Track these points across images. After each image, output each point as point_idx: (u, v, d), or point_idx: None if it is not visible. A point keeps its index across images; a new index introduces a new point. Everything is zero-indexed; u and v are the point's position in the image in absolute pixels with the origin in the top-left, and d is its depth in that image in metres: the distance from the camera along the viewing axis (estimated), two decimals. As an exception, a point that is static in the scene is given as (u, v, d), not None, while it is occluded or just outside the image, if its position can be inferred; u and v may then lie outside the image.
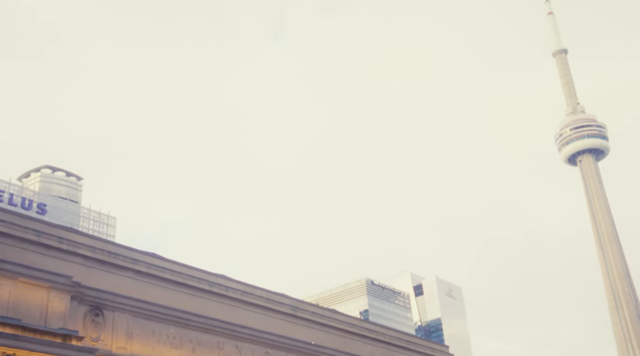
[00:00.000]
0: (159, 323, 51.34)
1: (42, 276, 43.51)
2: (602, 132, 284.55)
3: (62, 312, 43.60)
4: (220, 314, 58.98)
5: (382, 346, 78.44)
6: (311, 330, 69.78)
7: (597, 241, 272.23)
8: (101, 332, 47.36)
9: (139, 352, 48.96)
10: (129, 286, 54.61)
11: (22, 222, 51.21)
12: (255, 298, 66.11)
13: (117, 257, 56.14)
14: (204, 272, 62.84)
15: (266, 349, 58.61)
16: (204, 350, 53.54)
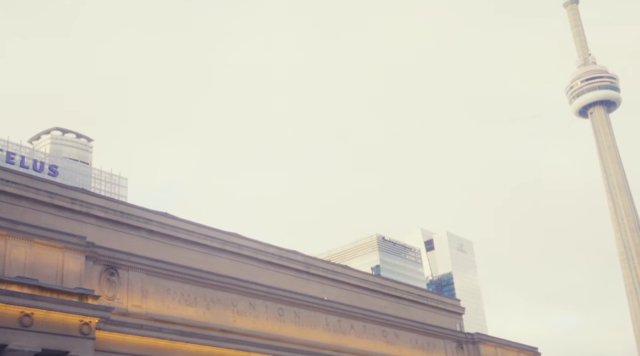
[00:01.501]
0: (174, 281, 51.93)
1: (57, 237, 43.92)
2: (613, 84, 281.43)
3: (78, 272, 44.11)
4: (234, 272, 59.58)
5: (393, 300, 79.19)
6: (324, 286, 70.48)
7: (608, 193, 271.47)
8: (116, 291, 47.97)
9: (154, 310, 49.66)
10: (142, 245, 55.15)
11: (34, 183, 51.55)
12: (268, 255, 66.65)
13: (129, 217, 56.56)
14: (216, 231, 63.30)
15: (279, 305, 59.27)
16: (218, 307, 54.23)
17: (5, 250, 41.03)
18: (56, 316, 41.31)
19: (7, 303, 39.09)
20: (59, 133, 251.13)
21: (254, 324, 56.31)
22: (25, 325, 39.87)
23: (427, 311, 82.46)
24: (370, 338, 67.18)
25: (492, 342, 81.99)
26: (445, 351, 75.70)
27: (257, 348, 54.87)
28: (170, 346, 49.35)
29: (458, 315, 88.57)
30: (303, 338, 59.78)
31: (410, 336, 72.17)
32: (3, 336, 38.99)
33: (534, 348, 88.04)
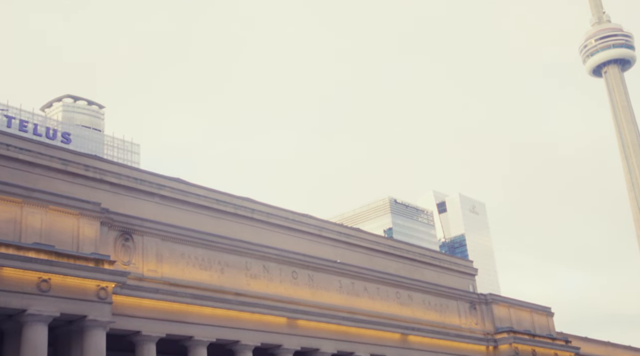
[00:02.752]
0: (188, 246, 52.38)
1: (71, 203, 44.30)
2: (628, 42, 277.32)
3: (93, 238, 44.58)
4: (247, 236, 60.01)
5: (406, 262, 79.66)
6: (336, 249, 70.93)
7: (621, 153, 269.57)
8: (132, 256, 48.49)
9: (169, 274, 50.22)
10: (156, 211, 55.59)
11: (48, 151, 51.87)
12: (281, 219, 67.03)
13: (143, 183, 56.92)
14: (228, 195, 63.64)
15: (293, 268, 59.76)
16: (232, 270, 54.76)
17: (21, 217, 41.48)
18: (73, 282, 41.90)
19: (24, 269, 39.66)
20: (71, 101, 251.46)
21: (267, 287, 56.88)
22: (43, 290, 40.49)
23: (439, 273, 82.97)
24: (384, 299, 67.77)
25: (505, 303, 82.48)
26: (458, 312, 76.29)
27: (271, 310, 55.53)
28: (185, 309, 50.03)
29: (471, 276, 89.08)
30: (317, 301, 60.40)
31: (423, 298, 72.72)
32: (22, 301, 39.64)
33: (547, 308, 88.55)
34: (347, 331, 61.76)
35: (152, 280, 48.83)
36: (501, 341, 77.11)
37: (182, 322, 49.78)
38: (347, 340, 61.70)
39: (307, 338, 58.22)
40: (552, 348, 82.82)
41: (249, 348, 53.68)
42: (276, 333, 55.90)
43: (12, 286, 39.37)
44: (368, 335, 63.76)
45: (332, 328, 60.45)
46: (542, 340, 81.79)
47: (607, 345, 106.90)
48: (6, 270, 39.14)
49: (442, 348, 71.44)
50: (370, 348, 63.75)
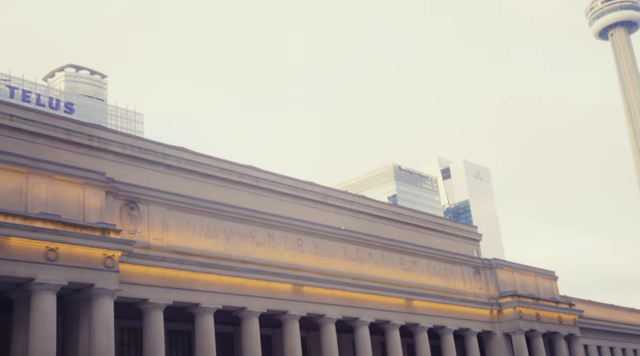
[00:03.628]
0: (193, 214, 52.63)
1: (76, 173, 44.43)
2: (635, 4, 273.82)
3: (99, 207, 44.82)
4: (251, 204, 60.25)
5: (411, 229, 79.99)
6: (341, 216, 71.21)
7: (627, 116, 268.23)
8: (138, 225, 48.78)
9: (175, 243, 50.57)
10: (161, 180, 55.76)
11: (51, 121, 51.88)
12: (285, 187, 67.21)
13: (147, 152, 56.99)
14: (233, 164, 63.74)
15: (298, 236, 60.10)
16: (237, 238, 55.10)
17: (27, 187, 41.67)
18: (80, 251, 42.26)
19: (31, 238, 39.97)
20: (73, 71, 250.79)
21: (273, 254, 57.28)
22: (50, 259, 40.87)
23: (444, 239, 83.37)
24: (388, 265, 68.24)
25: (509, 267, 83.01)
26: (463, 277, 76.84)
27: (277, 277, 56.00)
28: (192, 277, 50.49)
29: (475, 242, 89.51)
30: (321, 267, 60.84)
31: (428, 263, 73.21)
32: (30, 271, 40.05)
33: (551, 272, 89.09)
34: (352, 297, 62.32)
35: (159, 248, 49.20)
36: (505, 306, 77.83)
37: (189, 290, 50.28)
38: (352, 305, 62.30)
39: (313, 304, 58.82)
40: (555, 312, 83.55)
41: (255, 315, 54.29)
42: (282, 299, 56.46)
43: (20, 255, 39.75)
44: (373, 301, 64.35)
45: (337, 294, 61.01)
46: (546, 304, 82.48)
47: (611, 307, 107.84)
48: (13, 239, 39.48)
49: (446, 312, 72.16)
50: (375, 314, 64.42)
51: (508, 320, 77.72)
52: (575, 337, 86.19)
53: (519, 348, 76.87)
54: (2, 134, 47.79)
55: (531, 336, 79.35)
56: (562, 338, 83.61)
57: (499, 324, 78.01)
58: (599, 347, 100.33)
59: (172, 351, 54.89)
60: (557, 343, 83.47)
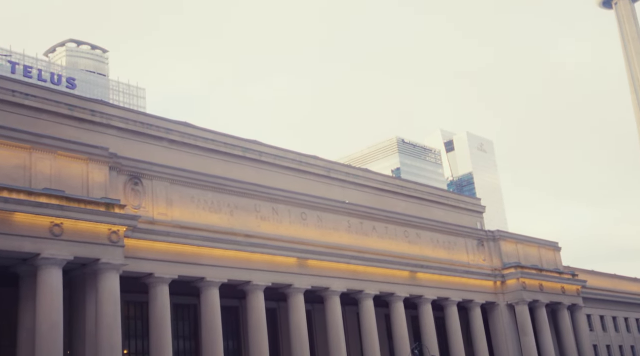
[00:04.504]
0: (197, 189, 52.70)
1: (80, 148, 44.42)
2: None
3: (103, 183, 44.87)
4: (255, 178, 60.25)
5: (415, 202, 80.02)
6: (345, 190, 71.22)
7: (631, 86, 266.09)
8: (142, 200, 48.88)
9: (179, 218, 50.70)
10: (164, 155, 55.70)
11: (54, 96, 51.71)
12: (289, 161, 67.13)
13: (150, 127, 56.87)
14: (236, 138, 63.59)
15: (302, 210, 60.19)
16: (241, 213, 55.20)
17: (31, 163, 41.72)
18: (85, 226, 42.42)
19: (36, 214, 40.12)
20: (74, 46, 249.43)
21: (277, 229, 57.42)
22: (56, 234, 41.05)
23: (447, 211, 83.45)
24: (393, 238, 68.41)
25: (513, 239, 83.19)
26: (467, 249, 77.06)
27: (282, 251, 56.21)
28: (197, 252, 50.71)
29: (479, 214, 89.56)
30: (326, 241, 61.02)
31: (432, 236, 73.38)
32: (36, 246, 40.26)
33: (554, 243, 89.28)
34: (356, 270, 62.60)
35: (163, 223, 49.35)
36: (509, 277, 78.15)
37: (194, 264, 50.53)
38: (357, 278, 62.59)
39: (317, 278, 59.13)
40: (559, 282, 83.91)
41: (260, 288, 54.61)
42: (287, 273, 56.74)
43: (25, 231, 39.93)
44: (377, 274, 64.64)
45: (342, 268, 61.28)
46: (550, 275, 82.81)
47: (614, 277, 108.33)
48: (19, 215, 39.62)
49: (450, 284, 72.50)
50: (380, 286, 64.75)
51: (511, 291, 78.11)
52: (578, 307, 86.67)
53: (522, 318, 77.37)
54: (5, 110, 47.68)
55: (534, 306, 79.80)
56: (565, 309, 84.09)
57: (502, 295, 78.40)
58: (602, 317, 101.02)
59: (178, 324, 55.37)
60: (560, 313, 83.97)
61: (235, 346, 59.69)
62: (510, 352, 76.69)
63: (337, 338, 59.84)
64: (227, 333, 55.33)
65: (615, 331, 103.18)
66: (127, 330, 50.44)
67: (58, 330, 40.22)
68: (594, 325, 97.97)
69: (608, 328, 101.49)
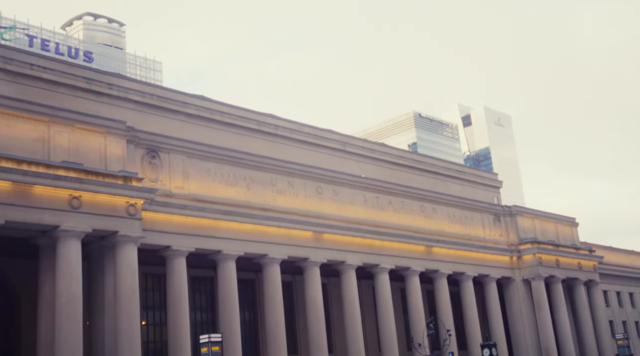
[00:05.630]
0: (213, 162, 52.88)
1: (97, 121, 44.65)
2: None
3: (120, 156, 45.13)
4: (271, 152, 60.31)
5: (431, 176, 79.85)
6: (361, 164, 71.16)
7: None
8: (159, 173, 49.16)
9: (196, 191, 50.98)
10: (181, 128, 55.87)
11: (71, 70, 51.89)
12: (304, 135, 67.07)
13: (167, 100, 56.99)
14: (252, 112, 63.58)
15: (318, 184, 60.26)
16: (257, 186, 55.39)
17: (49, 136, 42.01)
18: (103, 199, 42.79)
19: (55, 186, 40.50)
20: (91, 19, 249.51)
21: (293, 202, 57.60)
22: (74, 207, 41.46)
23: (464, 186, 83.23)
24: (408, 213, 68.42)
25: (529, 214, 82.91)
26: (483, 224, 76.94)
27: (297, 224, 56.45)
28: (213, 225, 51.05)
29: (495, 189, 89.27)
30: (342, 215, 61.16)
31: (448, 211, 73.30)
32: (55, 218, 40.71)
33: (571, 219, 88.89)
34: (372, 244, 62.77)
35: (180, 196, 49.66)
36: (525, 252, 78.03)
37: (211, 237, 50.91)
38: (372, 252, 62.81)
39: (333, 251, 59.38)
40: (575, 258, 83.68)
41: (276, 261, 54.98)
42: (302, 246, 57.03)
43: (44, 203, 40.36)
44: (393, 248, 64.79)
45: (357, 241, 61.46)
46: (566, 250, 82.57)
47: (631, 253, 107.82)
48: (38, 188, 40.03)
49: (466, 259, 72.56)
50: (395, 260, 64.93)
51: (528, 267, 78.05)
52: (594, 283, 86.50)
53: (538, 293, 77.38)
54: (23, 83, 47.94)
55: (550, 282, 79.74)
56: (581, 284, 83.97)
57: (518, 270, 78.38)
58: (618, 293, 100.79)
59: (195, 296, 55.99)
60: (576, 288, 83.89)
61: (251, 318, 60.34)
62: (525, 327, 76.88)
63: (352, 311, 60.25)
64: (243, 305, 55.86)
65: (632, 307, 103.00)
66: (144, 302, 51.11)
67: (77, 301, 40.82)
68: (610, 301, 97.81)
69: (624, 303, 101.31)
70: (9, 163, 38.94)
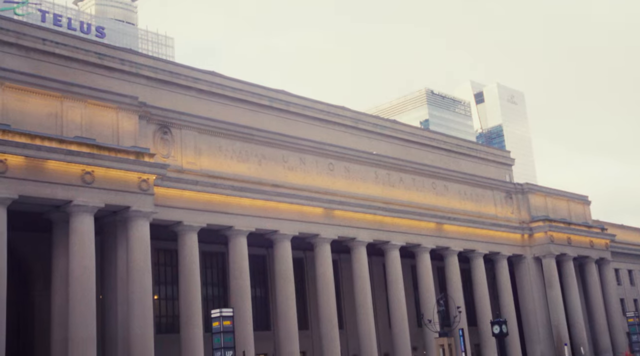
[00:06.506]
0: (225, 138, 52.94)
1: (109, 97, 44.74)
2: None
3: (132, 131, 45.26)
4: (282, 128, 60.31)
5: (443, 153, 79.63)
6: (372, 141, 71.03)
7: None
8: (171, 149, 49.30)
9: (208, 167, 51.11)
10: (192, 104, 55.90)
11: (83, 45, 51.93)
12: (316, 111, 66.95)
13: (178, 76, 56.96)
14: (264, 88, 63.47)
15: (329, 160, 60.26)
16: (269, 162, 55.46)
17: (62, 111, 42.15)
18: (115, 174, 43.02)
19: (68, 161, 40.74)
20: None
21: (304, 179, 57.67)
22: (87, 182, 41.72)
23: (476, 163, 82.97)
24: (420, 190, 68.38)
25: (542, 192, 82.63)
26: (494, 201, 76.80)
27: (309, 201, 56.56)
28: (225, 200, 51.25)
29: (507, 166, 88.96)
30: (353, 191, 61.21)
31: (459, 188, 73.17)
32: (67, 193, 41.01)
33: (583, 197, 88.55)
34: (383, 220, 62.86)
35: (192, 172, 49.83)
36: (536, 230, 77.90)
37: (222, 213, 51.14)
38: (383, 229, 62.92)
39: (344, 228, 59.54)
40: (587, 236, 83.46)
41: (287, 237, 55.21)
42: (314, 223, 57.19)
43: (57, 178, 40.64)
44: (404, 225, 64.86)
45: (368, 218, 61.56)
46: (578, 228, 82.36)
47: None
48: (51, 163, 40.28)
49: (477, 236, 72.56)
50: (406, 237, 65.05)
51: (539, 244, 77.95)
52: (606, 261, 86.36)
53: (549, 271, 77.35)
54: (36, 58, 48.04)
55: (562, 260, 79.65)
56: (592, 262, 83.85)
57: (529, 248, 78.32)
58: (629, 271, 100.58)
59: (207, 272, 56.48)
60: (587, 267, 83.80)
61: (262, 293, 60.84)
62: (535, 305, 76.99)
63: (362, 287, 60.54)
64: (254, 281, 56.30)
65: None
66: (157, 276, 51.64)
67: (90, 275, 41.27)
68: (621, 279, 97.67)
69: (636, 282, 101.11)
70: (22, 138, 39.18)
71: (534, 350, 76.45)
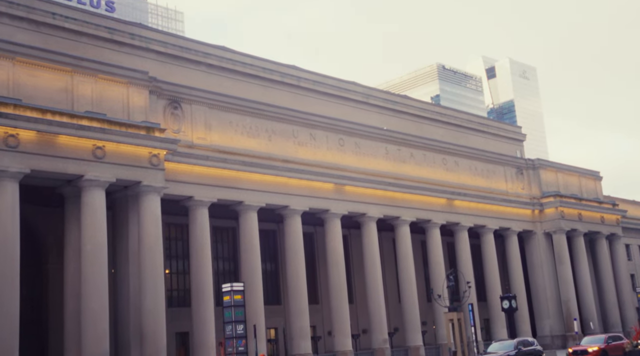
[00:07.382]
0: (235, 114, 52.88)
1: (120, 72, 44.69)
2: None
3: (143, 106, 45.28)
4: (293, 104, 60.13)
5: (453, 129, 79.26)
6: (383, 116, 70.76)
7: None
8: (181, 124, 49.31)
9: (218, 142, 51.13)
10: (203, 79, 55.75)
11: (93, 19, 51.71)
12: (327, 87, 66.65)
13: (188, 51, 56.74)
14: (274, 63, 63.15)
15: (340, 136, 60.13)
16: (279, 138, 55.41)
17: (72, 86, 42.19)
18: (126, 149, 43.11)
19: (79, 136, 40.82)
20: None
21: (315, 154, 57.63)
22: (98, 156, 41.85)
23: (487, 139, 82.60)
24: (430, 165, 68.22)
25: (553, 167, 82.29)
26: (505, 177, 76.57)
27: (319, 176, 56.58)
28: (235, 175, 51.34)
29: (518, 142, 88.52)
30: (363, 167, 61.16)
31: (470, 164, 72.94)
32: (79, 168, 41.17)
33: (595, 172, 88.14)
34: (393, 196, 62.84)
35: (202, 147, 49.88)
36: (547, 205, 77.72)
37: (233, 188, 51.26)
38: (393, 204, 62.92)
39: (354, 203, 59.59)
40: (598, 212, 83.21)
41: (297, 213, 55.34)
42: (324, 198, 57.26)
43: (69, 153, 40.79)
44: (414, 200, 64.84)
45: (379, 194, 61.56)
46: (589, 204, 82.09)
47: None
48: (62, 137, 40.39)
49: (487, 212, 72.48)
50: (416, 213, 65.06)
51: (549, 220, 77.81)
52: (617, 237, 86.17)
53: (559, 247, 77.29)
54: (46, 33, 47.93)
55: (572, 235, 79.53)
56: (603, 238, 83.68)
57: (540, 224, 78.21)
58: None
59: (218, 246, 56.79)
60: (598, 242, 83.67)
61: (272, 268, 61.20)
62: (545, 280, 77.08)
63: (372, 263, 60.74)
64: (264, 256, 56.60)
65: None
66: (168, 251, 51.98)
67: (102, 249, 41.60)
68: (632, 255, 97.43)
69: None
70: (33, 113, 39.26)
71: (543, 325, 76.71)
